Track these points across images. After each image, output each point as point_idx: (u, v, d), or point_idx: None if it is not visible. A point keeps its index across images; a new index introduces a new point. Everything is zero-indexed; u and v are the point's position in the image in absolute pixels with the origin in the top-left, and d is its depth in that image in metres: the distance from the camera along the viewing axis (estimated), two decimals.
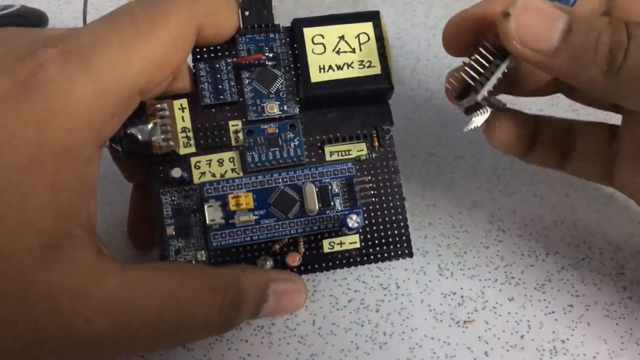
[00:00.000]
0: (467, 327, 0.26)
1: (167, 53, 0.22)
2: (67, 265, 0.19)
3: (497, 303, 0.27)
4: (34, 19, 0.39)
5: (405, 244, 0.26)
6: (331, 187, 0.25)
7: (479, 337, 0.26)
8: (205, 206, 0.24)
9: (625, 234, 0.29)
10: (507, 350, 0.25)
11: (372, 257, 0.26)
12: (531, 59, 0.21)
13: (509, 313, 0.26)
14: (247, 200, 0.24)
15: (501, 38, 0.21)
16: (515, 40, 0.21)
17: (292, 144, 0.26)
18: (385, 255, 0.26)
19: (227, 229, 0.24)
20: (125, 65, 0.21)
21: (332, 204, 0.25)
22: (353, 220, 0.24)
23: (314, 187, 0.25)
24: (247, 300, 0.23)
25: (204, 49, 0.26)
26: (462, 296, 0.27)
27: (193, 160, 0.25)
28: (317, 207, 0.25)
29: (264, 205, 0.24)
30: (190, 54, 0.25)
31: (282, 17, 0.27)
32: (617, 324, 0.26)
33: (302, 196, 0.25)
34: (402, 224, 0.26)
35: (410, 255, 0.27)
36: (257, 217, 0.24)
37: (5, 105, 0.18)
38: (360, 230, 0.25)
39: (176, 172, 0.24)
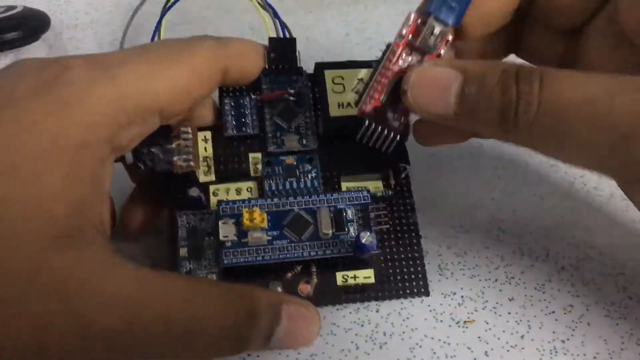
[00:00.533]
0: (467, 327, 0.26)
1: (191, 84, 0.23)
2: (80, 255, 0.19)
3: (497, 303, 0.27)
4: (37, 20, 0.38)
5: (421, 282, 0.26)
6: (346, 213, 0.25)
7: (479, 337, 0.26)
8: (220, 222, 0.24)
9: (625, 234, 0.30)
10: (507, 350, 0.25)
11: (386, 293, 0.26)
12: (438, 121, 0.23)
13: (509, 313, 0.27)
14: (261, 217, 0.24)
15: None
16: (418, 112, 0.23)
17: (309, 176, 0.26)
18: (401, 292, 0.26)
19: (239, 247, 0.24)
20: (148, 81, 0.22)
21: (346, 229, 0.25)
22: (366, 237, 0.24)
23: (328, 211, 0.25)
24: (260, 315, 0.22)
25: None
26: (462, 296, 0.27)
27: (212, 187, 0.26)
28: (331, 231, 0.25)
29: (278, 227, 0.25)
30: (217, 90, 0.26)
31: (285, 16, 0.28)
32: (617, 324, 0.26)
33: (317, 220, 0.25)
34: (418, 261, 0.26)
35: (427, 294, 0.26)
36: (270, 238, 0.24)
37: (28, 98, 0.20)
38: (376, 252, 0.25)
39: (194, 191, 0.25)
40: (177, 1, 0.29)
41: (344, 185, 0.27)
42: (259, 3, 0.27)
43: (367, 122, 0.24)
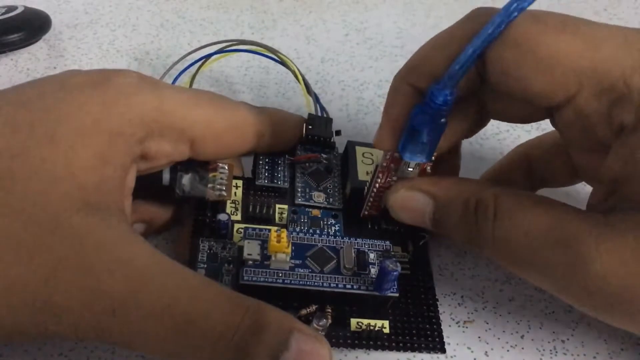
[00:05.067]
0: (467, 327, 0.26)
1: (226, 132, 0.26)
2: (101, 222, 0.21)
3: (497, 303, 0.27)
4: (39, 20, 0.39)
5: (437, 339, 0.25)
6: (368, 256, 0.25)
7: (479, 337, 0.26)
8: (245, 242, 0.24)
9: None
10: (507, 351, 0.26)
11: (400, 344, 0.25)
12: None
13: (509, 313, 0.27)
14: (287, 241, 0.24)
15: None
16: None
17: (332, 229, 0.27)
18: (415, 346, 0.25)
19: (260, 267, 0.24)
20: (188, 109, 0.24)
21: (368, 270, 0.25)
22: (392, 265, 0.23)
23: (352, 248, 0.25)
24: (266, 331, 0.20)
25: None
26: (462, 296, 0.27)
27: (237, 226, 0.27)
28: (353, 265, 0.25)
29: (301, 257, 0.25)
30: None
31: (285, 16, 0.27)
32: None
33: (340, 258, 0.25)
34: (434, 320, 0.26)
35: (443, 351, 0.25)
36: (292, 265, 0.24)
37: (79, 88, 0.23)
38: (395, 295, 0.25)
39: (223, 217, 0.26)
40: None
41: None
42: (305, 87, 0.28)
43: (369, 224, 0.28)
